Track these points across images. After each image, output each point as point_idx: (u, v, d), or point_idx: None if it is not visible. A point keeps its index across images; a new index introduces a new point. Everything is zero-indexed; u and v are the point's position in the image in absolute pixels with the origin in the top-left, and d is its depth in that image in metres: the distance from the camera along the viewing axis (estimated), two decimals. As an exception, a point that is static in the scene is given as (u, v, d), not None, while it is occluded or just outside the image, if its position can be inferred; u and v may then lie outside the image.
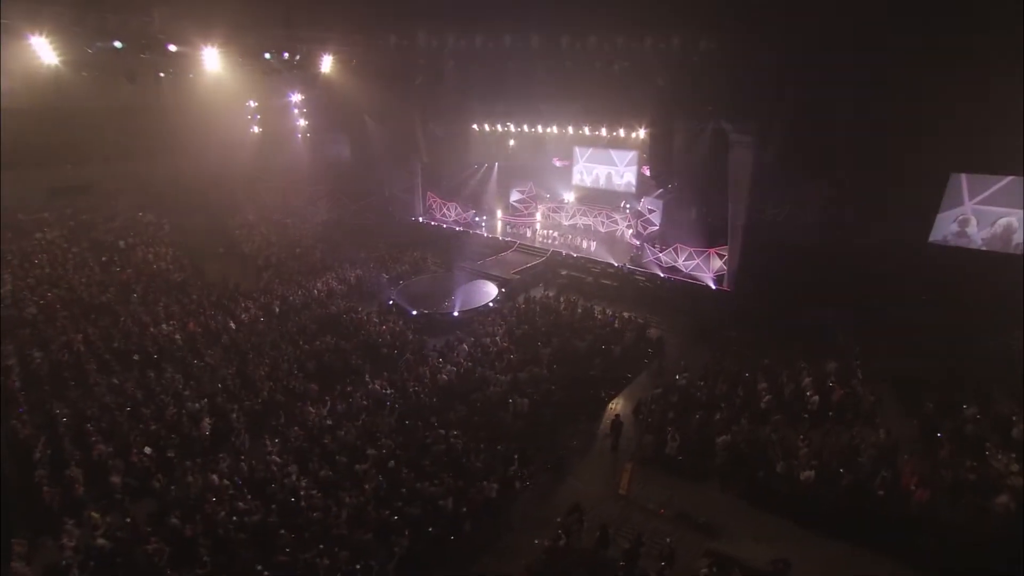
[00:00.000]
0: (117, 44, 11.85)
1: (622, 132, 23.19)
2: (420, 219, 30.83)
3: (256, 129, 33.61)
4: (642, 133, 22.15)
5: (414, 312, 20.33)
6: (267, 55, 14.92)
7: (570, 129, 24.75)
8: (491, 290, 22.30)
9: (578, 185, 30.65)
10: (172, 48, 12.91)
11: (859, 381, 14.49)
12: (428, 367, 16.15)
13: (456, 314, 20.33)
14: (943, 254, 16.53)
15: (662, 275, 21.96)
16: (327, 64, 17.77)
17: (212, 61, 17.11)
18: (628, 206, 27.93)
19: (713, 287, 20.76)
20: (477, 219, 29.57)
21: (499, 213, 30.47)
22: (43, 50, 11.51)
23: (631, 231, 26.70)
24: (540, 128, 25.76)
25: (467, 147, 29.91)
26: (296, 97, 32.52)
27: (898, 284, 16.28)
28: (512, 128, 26.86)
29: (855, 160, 16.91)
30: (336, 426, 13.45)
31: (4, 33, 10.45)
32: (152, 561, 9.60)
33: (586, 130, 24.16)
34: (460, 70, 22.66)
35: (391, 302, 21.19)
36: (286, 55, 14.96)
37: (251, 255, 25.76)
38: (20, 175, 25.49)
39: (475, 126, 28.06)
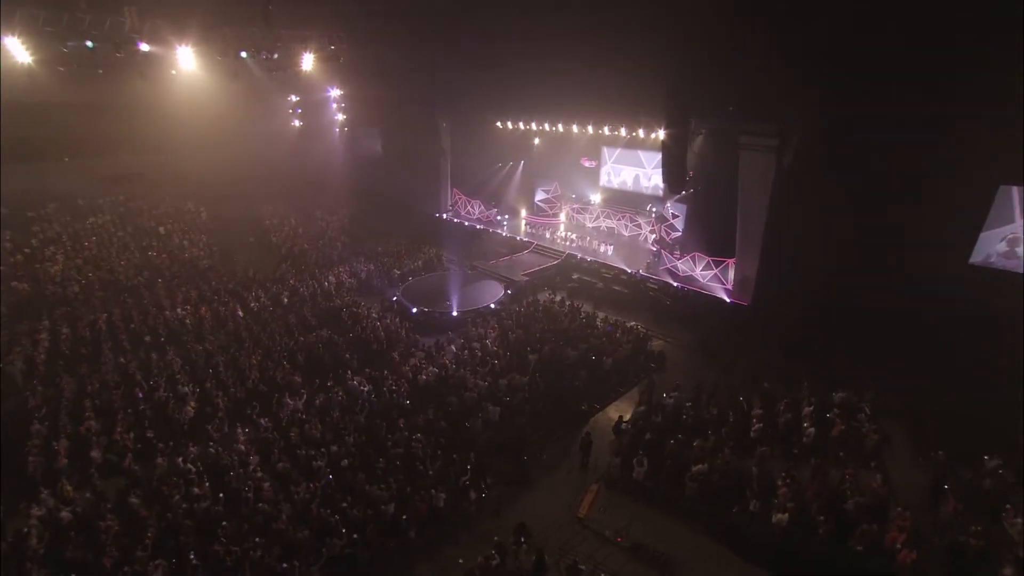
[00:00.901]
0: (88, 44, 12.62)
1: (641, 133, 22.02)
2: (444, 215, 30.97)
3: (297, 123, 35.00)
4: (662, 134, 20.93)
5: (414, 310, 20.39)
6: (243, 53, 15.29)
7: (590, 128, 23.83)
8: (496, 291, 22.02)
9: (605, 186, 29.69)
10: (144, 47, 13.54)
11: (866, 416, 12.96)
12: (410, 367, 16.10)
13: (455, 314, 20.20)
14: (986, 277, 14.44)
15: (675, 284, 20.75)
16: (308, 62, 17.91)
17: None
18: (654, 210, 26.74)
19: (728, 300, 19.35)
20: (499, 218, 29.33)
21: (523, 212, 30.08)
22: (16, 50, 12.46)
23: (654, 236, 25.54)
24: (560, 127, 24.98)
25: (492, 144, 29.65)
26: (335, 92, 33.50)
27: (930, 309, 14.44)
28: (534, 127, 26.27)
29: (889, 168, 15.09)
30: (306, 420, 13.67)
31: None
32: (101, 537, 10.11)
33: (605, 130, 23.18)
34: (466, 66, 22.41)
35: (395, 299, 21.37)
36: (264, 54, 15.27)
37: (277, 245, 26.85)
38: (81, 164, 27.98)
39: (498, 123, 27.71)
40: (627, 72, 18.67)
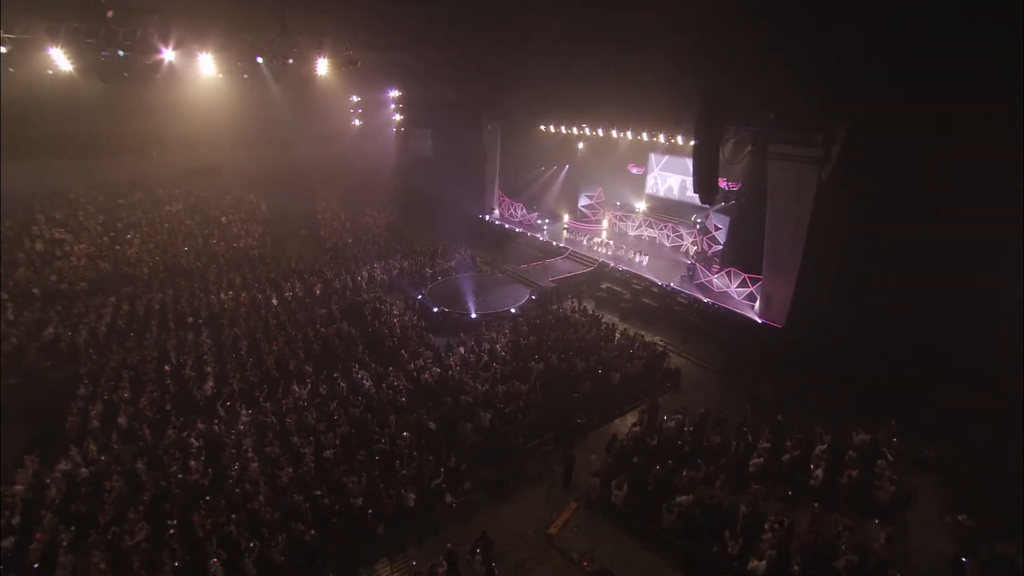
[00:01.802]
0: (120, 53, 14.01)
1: (680, 139, 20.95)
2: (487, 217, 31.24)
3: (357, 122, 36.76)
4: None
5: (435, 309, 20.73)
6: (259, 59, 16.21)
7: (628, 134, 23.06)
8: (520, 296, 21.88)
9: (651, 194, 28.62)
10: (165, 55, 14.77)
11: (887, 464, 11.49)
12: (415, 365, 16.37)
13: (473, 316, 20.29)
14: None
15: (705, 300, 19.55)
16: (323, 67, 18.60)
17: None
18: (698, 220, 25.40)
19: (759, 321, 17.95)
20: (540, 221, 29.15)
21: (565, 217, 29.69)
22: (59, 59, 14.07)
23: (695, 248, 24.26)
24: (600, 132, 24.35)
25: (536, 148, 29.56)
26: (393, 93, 34.84)
27: (987, 348, 12.56)
28: (575, 131, 25.81)
29: (952, 184, 13.25)
30: (306, 408, 14.30)
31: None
32: (104, 496, 11.19)
33: (644, 136, 22.32)
34: (513, 70, 22.42)
35: (419, 297, 21.83)
36: (279, 60, 16.10)
37: (325, 239, 28.33)
38: (165, 157, 31.07)
39: (542, 127, 27.52)
40: (664, 76, 17.93)
